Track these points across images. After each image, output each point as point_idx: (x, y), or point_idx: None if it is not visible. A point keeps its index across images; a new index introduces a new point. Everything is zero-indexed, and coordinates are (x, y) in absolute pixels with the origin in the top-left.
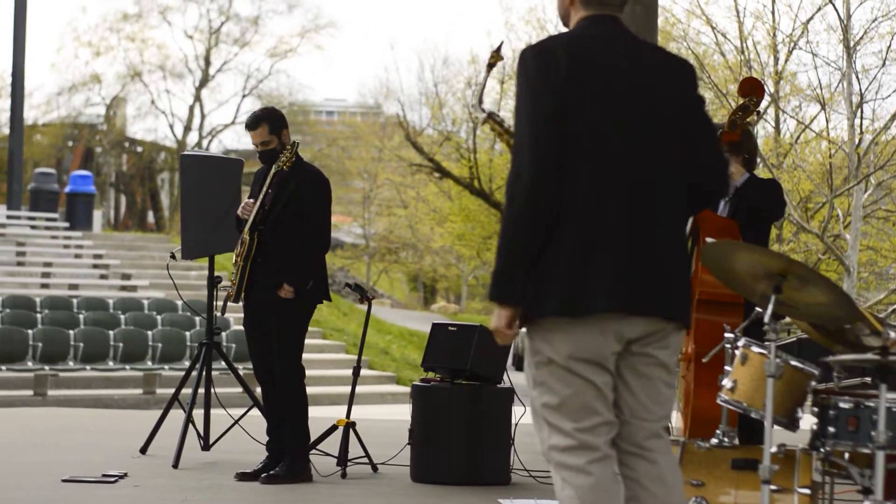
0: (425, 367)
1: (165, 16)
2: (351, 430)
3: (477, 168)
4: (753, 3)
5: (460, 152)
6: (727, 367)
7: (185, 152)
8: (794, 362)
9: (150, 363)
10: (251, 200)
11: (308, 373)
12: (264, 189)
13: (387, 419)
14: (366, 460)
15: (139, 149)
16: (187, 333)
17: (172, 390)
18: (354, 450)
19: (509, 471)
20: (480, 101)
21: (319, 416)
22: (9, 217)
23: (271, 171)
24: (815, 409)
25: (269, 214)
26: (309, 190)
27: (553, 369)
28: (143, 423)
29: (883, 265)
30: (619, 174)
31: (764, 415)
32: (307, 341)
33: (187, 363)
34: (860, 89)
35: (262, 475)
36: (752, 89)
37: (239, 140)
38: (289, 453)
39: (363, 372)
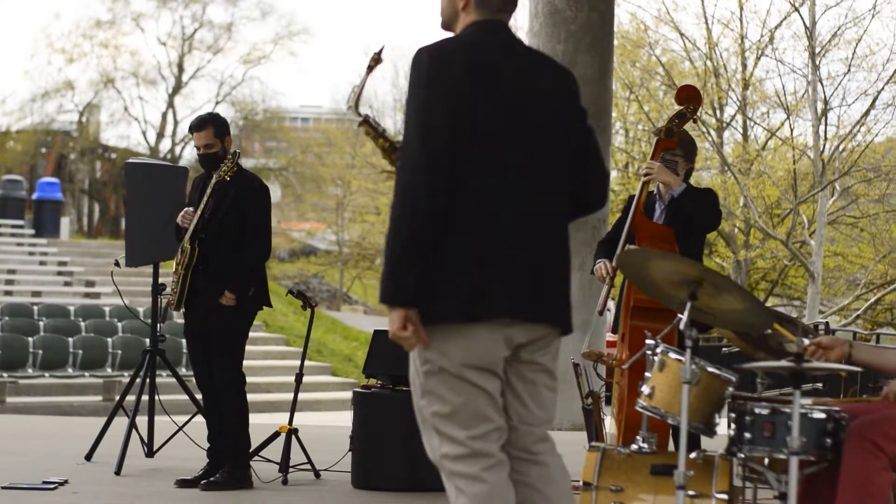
0: (367, 374)
1: (139, 22)
2: (294, 437)
3: None
4: (721, 11)
5: None
6: (647, 374)
7: (130, 160)
8: (710, 369)
9: (109, 370)
10: (191, 209)
11: (269, 380)
12: (205, 198)
13: (339, 425)
14: (309, 467)
15: (112, 155)
16: (147, 340)
17: (133, 397)
18: (302, 457)
19: None
20: (357, 105)
21: (280, 424)
22: None
23: (212, 180)
24: (732, 415)
25: (210, 223)
26: (249, 198)
27: (444, 378)
28: (98, 430)
29: (850, 271)
30: (513, 180)
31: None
32: (268, 348)
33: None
34: (825, 96)
35: (202, 482)
36: (689, 97)
37: None
38: (229, 460)
39: (326, 378)
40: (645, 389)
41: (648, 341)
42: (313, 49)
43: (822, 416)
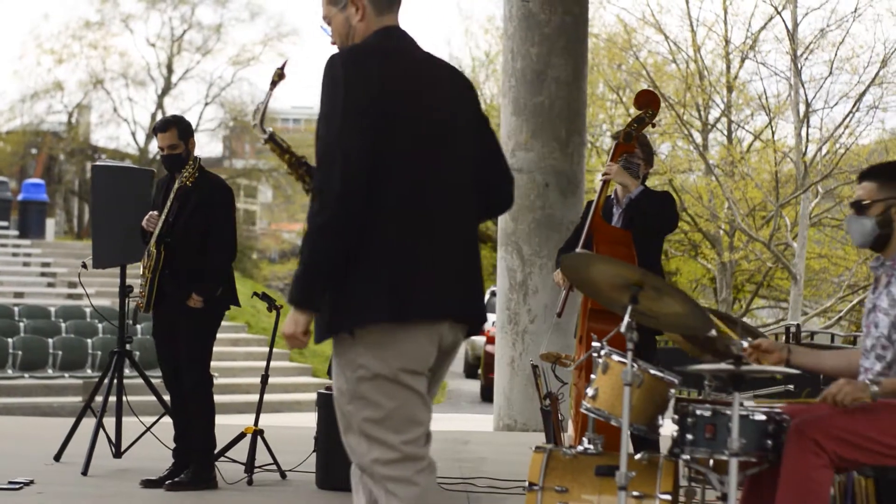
0: (331, 375)
1: (128, 24)
2: (259, 438)
3: None
4: (705, 13)
5: None
6: (592, 376)
7: (96, 163)
8: (653, 371)
9: (90, 371)
10: (155, 213)
11: (249, 380)
12: (168, 202)
13: (309, 426)
14: (275, 467)
15: (102, 156)
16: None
17: (112, 398)
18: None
19: None
20: (262, 122)
21: (261, 425)
22: None
23: (175, 185)
24: (675, 417)
25: (174, 227)
26: (213, 200)
27: (378, 383)
28: (81, 429)
29: (835, 273)
30: (432, 184)
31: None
32: (249, 349)
33: (127, 371)
34: (806, 98)
35: (167, 482)
36: (648, 102)
37: (201, 148)
38: (194, 460)
39: (307, 380)
40: (589, 391)
41: (595, 344)
42: (302, 50)
43: (763, 417)
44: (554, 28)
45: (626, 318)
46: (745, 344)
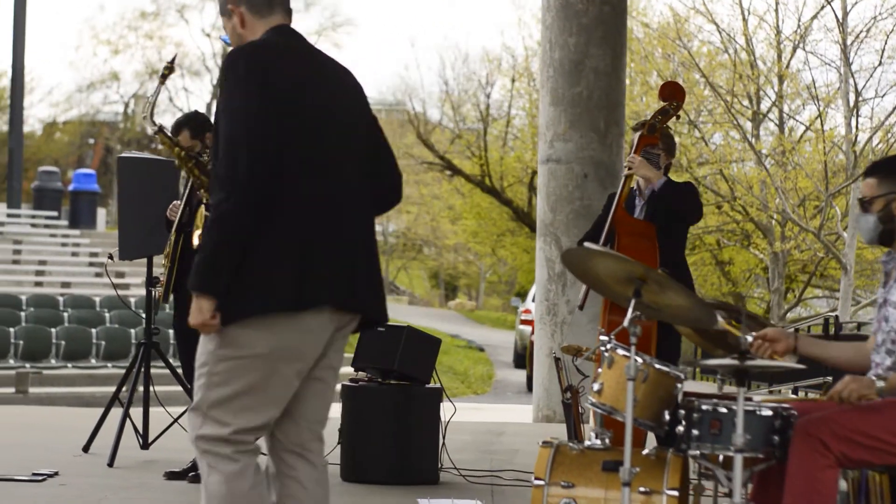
0: (356, 368)
1: (183, 14)
2: None
3: (488, 166)
4: (756, 2)
5: (471, 150)
6: (598, 370)
7: (123, 154)
8: (658, 365)
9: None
10: (178, 202)
11: None
12: (187, 190)
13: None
14: None
15: (158, 146)
16: (170, 332)
17: (140, 389)
18: None
19: (438, 470)
20: (152, 114)
21: None
22: (9, 215)
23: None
24: (682, 412)
25: (194, 215)
26: None
27: (246, 363)
28: (111, 420)
29: None
30: (328, 177)
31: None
32: None
33: (171, 360)
34: (856, 88)
35: (190, 474)
36: (672, 94)
37: None
38: None
39: (344, 370)
40: (594, 386)
41: (602, 337)
42: (357, 40)
43: (770, 413)
44: (592, 18)
45: (630, 312)
46: (750, 338)
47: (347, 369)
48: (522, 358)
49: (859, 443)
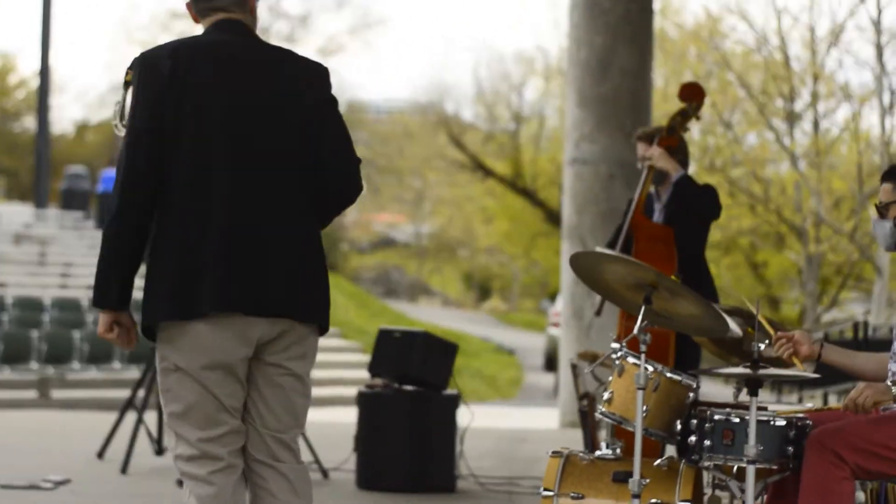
0: (372, 374)
1: None
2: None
3: (521, 167)
4: (790, 2)
5: (504, 151)
6: (609, 378)
7: None
8: (670, 374)
9: None
10: None
11: (322, 374)
12: None
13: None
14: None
15: None
16: None
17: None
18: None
19: (454, 478)
20: (122, 119)
21: (331, 420)
22: (36, 217)
23: None
24: (694, 422)
25: None
26: None
27: (179, 376)
28: (129, 424)
29: None
30: (225, 179)
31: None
32: (322, 341)
33: None
34: (891, 88)
35: None
36: (692, 95)
37: None
38: None
39: (364, 374)
40: (605, 395)
41: (613, 345)
42: (389, 40)
43: (783, 423)
44: (618, 17)
45: (640, 319)
46: (763, 346)
47: (362, 375)
48: (552, 361)
49: (875, 454)
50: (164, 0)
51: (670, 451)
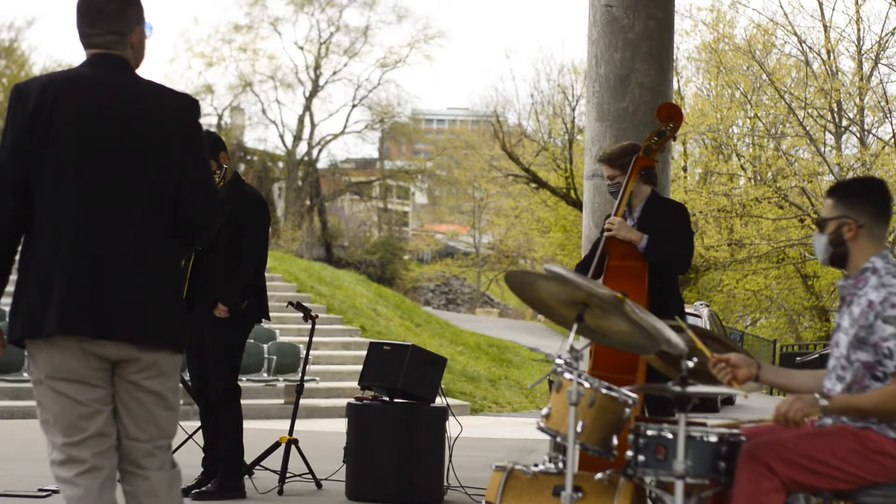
0: (362, 386)
1: (276, 27)
2: (294, 447)
3: (573, 178)
4: (837, 14)
5: (556, 162)
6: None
7: None
8: (605, 390)
9: None
10: None
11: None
12: None
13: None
14: (310, 477)
15: (253, 158)
16: None
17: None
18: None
19: (443, 488)
20: None
21: (315, 429)
22: None
23: None
24: (630, 437)
25: None
26: (245, 212)
27: (43, 388)
28: None
29: None
30: (76, 210)
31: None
32: (361, 353)
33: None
34: None
35: (193, 491)
36: (670, 116)
37: (348, 150)
38: (222, 470)
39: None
40: (544, 410)
41: (557, 361)
42: (449, 52)
43: (715, 439)
44: (638, 33)
45: (572, 334)
46: (691, 364)
47: (351, 385)
48: None
49: (805, 466)
50: (225, 13)
51: None
